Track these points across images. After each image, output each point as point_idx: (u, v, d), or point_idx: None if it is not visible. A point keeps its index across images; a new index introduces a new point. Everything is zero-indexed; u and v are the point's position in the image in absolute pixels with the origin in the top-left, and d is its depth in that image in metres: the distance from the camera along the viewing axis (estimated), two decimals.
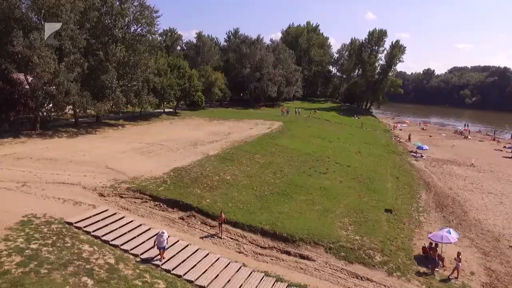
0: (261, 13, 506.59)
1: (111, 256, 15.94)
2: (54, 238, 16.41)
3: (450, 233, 23.39)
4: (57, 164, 28.97)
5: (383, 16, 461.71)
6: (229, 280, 16.04)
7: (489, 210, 34.91)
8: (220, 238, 20.25)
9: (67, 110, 46.46)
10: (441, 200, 37.11)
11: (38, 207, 19.43)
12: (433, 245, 22.13)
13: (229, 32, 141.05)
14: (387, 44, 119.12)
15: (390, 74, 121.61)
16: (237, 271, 16.84)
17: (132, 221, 19.60)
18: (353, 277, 18.84)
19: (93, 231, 17.67)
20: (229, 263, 17.34)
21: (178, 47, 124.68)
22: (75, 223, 18.06)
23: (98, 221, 18.74)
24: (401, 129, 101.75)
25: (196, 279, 15.64)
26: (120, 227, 18.59)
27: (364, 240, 22.25)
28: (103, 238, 17.32)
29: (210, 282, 15.60)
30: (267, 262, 18.78)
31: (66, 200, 21.13)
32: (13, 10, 36.17)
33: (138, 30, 51.67)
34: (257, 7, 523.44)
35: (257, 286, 15.90)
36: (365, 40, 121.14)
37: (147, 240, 17.81)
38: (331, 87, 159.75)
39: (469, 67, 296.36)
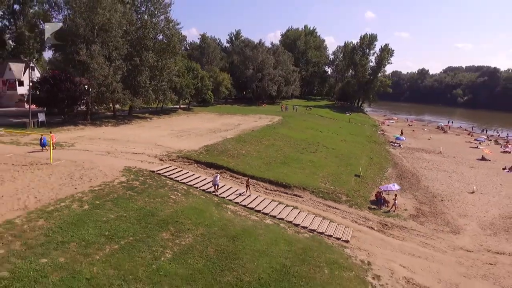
0: (261, 12, 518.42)
1: (184, 186, 27.55)
2: (149, 177, 27.94)
3: (394, 186, 35.16)
4: (120, 142, 40.36)
5: (383, 15, 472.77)
6: (251, 201, 27.57)
7: (437, 181, 46.57)
8: (249, 195, 29.87)
9: (110, 105, 57.96)
10: (403, 174, 48.83)
11: (128, 164, 30.84)
12: (381, 191, 33.87)
13: (231, 34, 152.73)
14: (377, 47, 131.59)
15: (380, 75, 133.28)
16: (256, 198, 28.38)
17: (188, 172, 31.16)
18: (326, 206, 30.45)
19: (168, 175, 29.16)
20: (250, 194, 28.86)
21: (183, 48, 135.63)
22: (156, 171, 29.54)
23: (168, 171, 30.21)
24: (388, 125, 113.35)
25: (233, 199, 27.22)
26: (182, 174, 30.11)
27: (336, 189, 33.91)
28: (175, 178, 28.82)
29: (241, 201, 27.16)
30: (273, 196, 30.33)
31: (142, 161, 32.56)
32: (78, 28, 47.51)
33: (164, 39, 62.93)
34: (257, 6, 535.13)
35: (268, 204, 27.44)
36: (357, 44, 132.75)
37: (201, 181, 29.39)
38: (327, 86, 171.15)
39: (464, 67, 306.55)
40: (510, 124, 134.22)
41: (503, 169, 56.00)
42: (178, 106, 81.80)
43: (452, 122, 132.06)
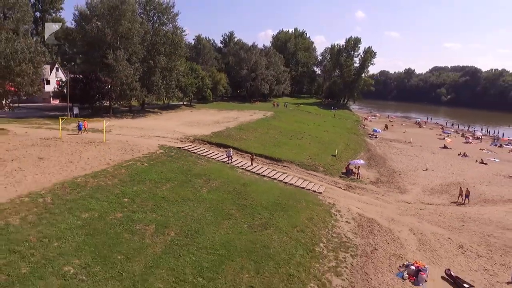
0: (252, 11, 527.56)
1: (204, 157, 38.04)
2: (178, 151, 38.29)
3: (360, 161, 46.09)
4: (145, 129, 50.50)
5: (373, 15, 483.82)
6: (253, 167, 38.13)
7: (400, 162, 57.50)
8: (252, 165, 41.28)
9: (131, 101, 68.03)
10: (373, 157, 59.83)
11: (160, 143, 41.12)
12: (349, 165, 44.77)
13: (224, 35, 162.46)
14: (362, 49, 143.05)
15: (364, 75, 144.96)
16: (256, 166, 38.98)
17: (204, 149, 41.65)
18: (307, 174, 41.15)
19: (191, 150, 39.56)
20: (252, 163, 39.44)
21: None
22: (182, 147, 39.92)
23: (191, 148, 40.62)
24: (371, 121, 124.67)
25: (240, 166, 37.79)
26: (201, 150, 40.55)
27: (316, 162, 44.71)
28: (197, 153, 39.22)
29: (246, 167, 37.72)
30: (268, 166, 40.92)
31: (169, 141, 42.86)
32: (106, 37, 57.49)
33: (172, 44, 72.84)
34: (248, 5, 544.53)
35: (265, 170, 38.04)
36: (342, 46, 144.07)
37: (215, 155, 39.91)
38: (315, 85, 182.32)
39: (449, 67, 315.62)
40: (487, 122, 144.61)
41: (458, 154, 67.38)
42: (181, 103, 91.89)
43: (431, 119, 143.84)
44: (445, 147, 74.98)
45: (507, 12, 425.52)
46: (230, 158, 38.73)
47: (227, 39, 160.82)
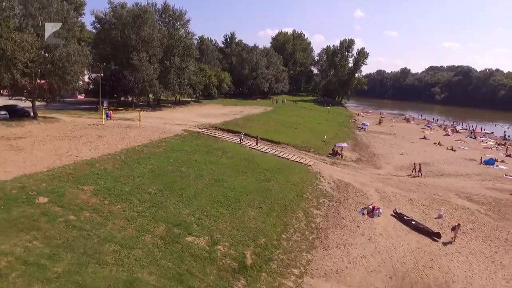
0: (251, 11, 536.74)
1: (220, 139, 48.28)
2: (198, 134, 48.51)
3: (344, 144, 56.45)
4: (166, 119, 60.64)
5: (372, 14, 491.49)
6: (258, 146, 48.38)
7: (381, 149, 67.80)
8: (257, 145, 51.73)
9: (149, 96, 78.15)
10: (358, 144, 70.23)
11: (183, 128, 51.28)
12: (335, 147, 55.16)
13: (226, 36, 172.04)
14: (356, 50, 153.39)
15: (357, 74, 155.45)
16: (260, 145, 49.23)
17: (218, 133, 51.89)
18: (300, 152, 51.43)
19: (208, 133, 49.76)
20: (257, 144, 49.68)
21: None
22: (201, 132, 50.14)
23: (208, 132, 50.83)
24: (363, 116, 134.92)
25: (248, 145, 48.03)
26: (216, 134, 50.76)
27: (308, 145, 55.07)
28: (213, 135, 49.45)
29: (253, 146, 47.96)
30: (269, 146, 51.16)
31: (189, 127, 53.01)
32: (131, 41, 67.63)
33: (184, 47, 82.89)
34: (248, 4, 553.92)
35: (267, 148, 48.31)
36: (337, 48, 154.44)
37: (228, 137, 50.11)
38: (312, 84, 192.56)
39: (445, 66, 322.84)
40: (476, 119, 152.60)
41: (434, 143, 77.72)
42: (190, 99, 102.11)
43: (421, 115, 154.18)
44: (424, 138, 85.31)
45: (506, 11, 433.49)
46: (241, 140, 48.96)
47: (228, 40, 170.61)
